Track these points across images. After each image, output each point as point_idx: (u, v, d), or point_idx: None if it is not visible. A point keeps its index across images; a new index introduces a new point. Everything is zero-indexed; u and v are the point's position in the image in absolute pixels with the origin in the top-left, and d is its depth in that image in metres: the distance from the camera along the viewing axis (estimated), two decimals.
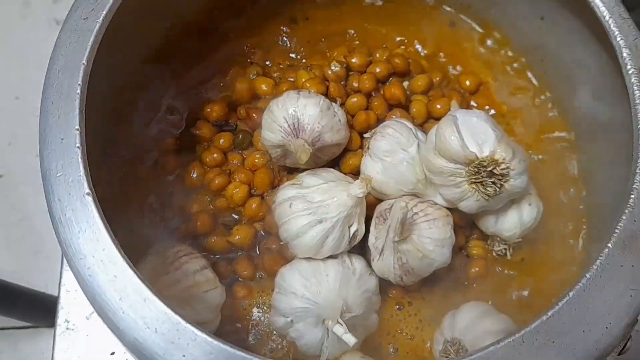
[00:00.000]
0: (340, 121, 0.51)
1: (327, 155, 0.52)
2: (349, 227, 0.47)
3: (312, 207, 0.46)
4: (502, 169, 0.44)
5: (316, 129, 0.49)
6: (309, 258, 0.47)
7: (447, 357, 0.47)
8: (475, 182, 0.46)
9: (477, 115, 0.47)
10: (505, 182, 0.45)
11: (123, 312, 0.37)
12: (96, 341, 0.49)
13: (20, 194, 1.11)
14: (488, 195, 0.46)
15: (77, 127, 0.40)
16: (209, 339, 0.36)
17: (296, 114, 0.49)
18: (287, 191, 0.48)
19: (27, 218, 1.10)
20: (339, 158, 0.54)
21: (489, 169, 0.45)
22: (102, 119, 0.49)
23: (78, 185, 0.39)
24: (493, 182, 0.45)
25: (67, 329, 0.49)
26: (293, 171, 0.54)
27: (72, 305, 0.50)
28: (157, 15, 0.53)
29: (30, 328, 0.99)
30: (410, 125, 0.52)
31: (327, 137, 0.50)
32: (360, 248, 0.49)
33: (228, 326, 0.50)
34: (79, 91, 0.41)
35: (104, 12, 0.43)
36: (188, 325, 0.36)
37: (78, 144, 0.40)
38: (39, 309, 0.89)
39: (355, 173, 0.53)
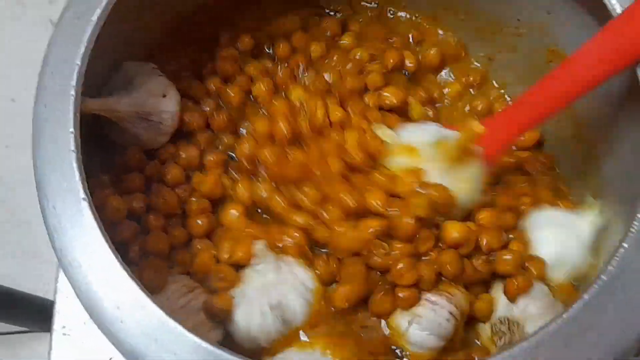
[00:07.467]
0: None
1: None
2: None
3: None
4: None
5: None
6: None
7: (500, 338, 0.45)
8: None
9: None
10: None
11: (121, 322, 0.35)
12: (93, 347, 0.48)
13: (18, 197, 1.10)
14: None
15: (72, 129, 0.39)
16: (211, 347, 0.34)
17: None
18: None
19: (25, 222, 1.08)
20: None
21: None
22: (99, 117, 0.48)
23: (73, 191, 0.37)
24: None
25: (64, 334, 0.48)
26: None
27: (68, 310, 0.49)
28: (156, 9, 0.50)
29: (29, 333, 0.98)
30: None
31: None
32: None
33: None
34: (72, 92, 0.40)
35: (99, 10, 0.42)
36: (190, 335, 0.35)
37: (72, 148, 0.38)
38: (37, 314, 0.88)
39: None
